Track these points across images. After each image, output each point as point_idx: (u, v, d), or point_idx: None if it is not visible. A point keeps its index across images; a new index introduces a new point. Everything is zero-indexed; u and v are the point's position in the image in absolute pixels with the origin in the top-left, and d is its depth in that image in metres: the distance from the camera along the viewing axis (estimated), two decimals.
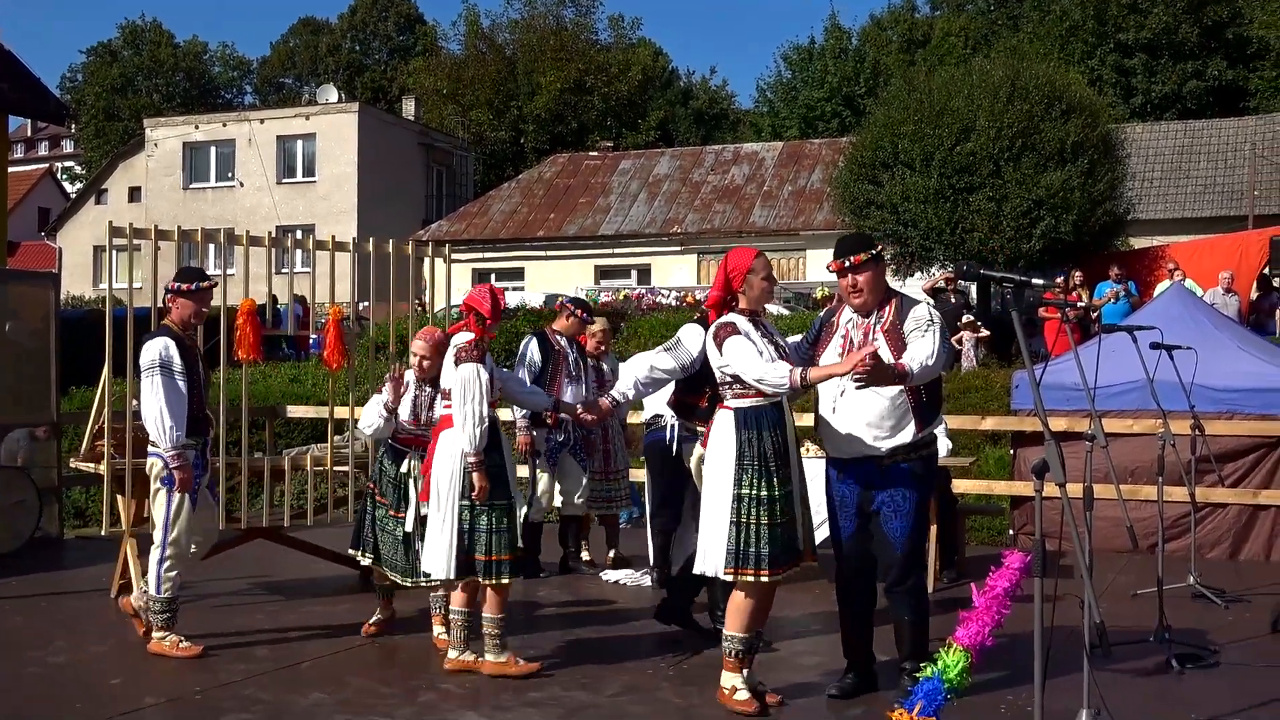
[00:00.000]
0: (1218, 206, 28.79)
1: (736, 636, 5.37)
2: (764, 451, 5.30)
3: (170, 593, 6.43)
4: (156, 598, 6.41)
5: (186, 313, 6.53)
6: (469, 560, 5.97)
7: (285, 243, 8.89)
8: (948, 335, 5.32)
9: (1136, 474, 9.47)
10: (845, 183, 22.19)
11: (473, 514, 5.96)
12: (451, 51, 53.81)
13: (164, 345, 6.34)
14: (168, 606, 6.44)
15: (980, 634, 4.29)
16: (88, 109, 57.98)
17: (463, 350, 6.03)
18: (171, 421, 6.25)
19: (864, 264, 5.40)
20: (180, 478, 6.30)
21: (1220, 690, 5.89)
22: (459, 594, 6.10)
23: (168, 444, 6.26)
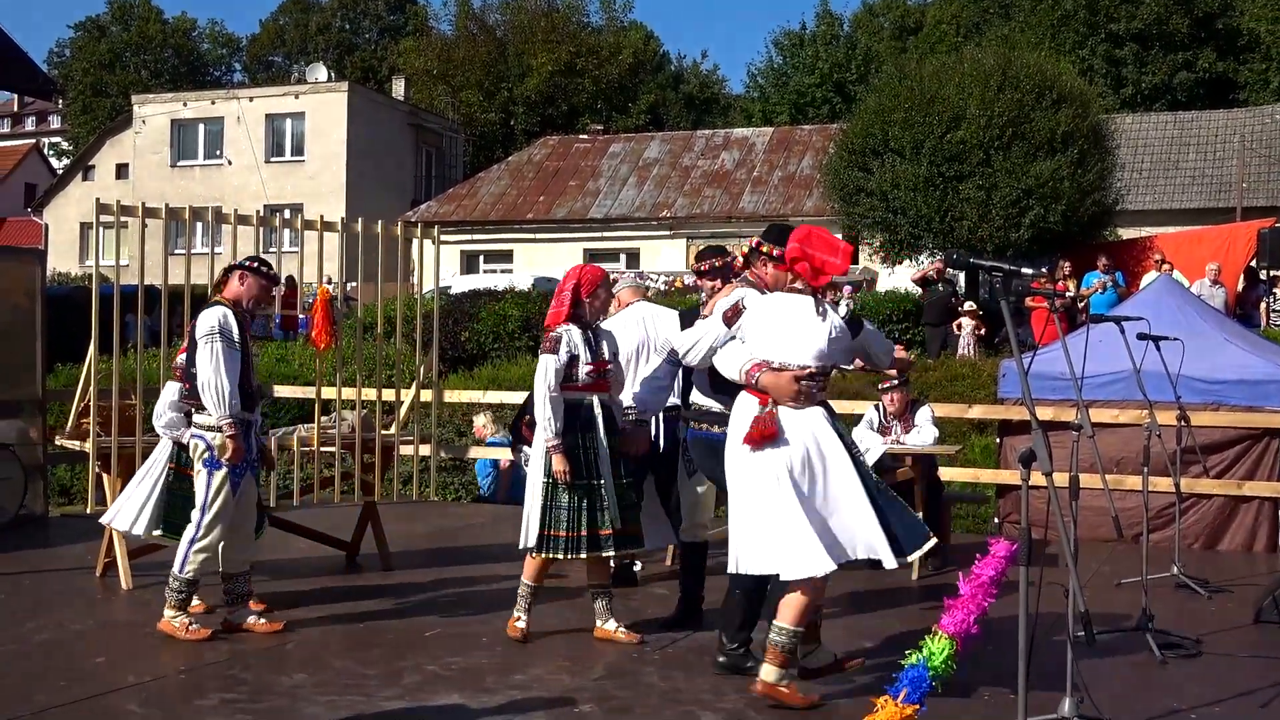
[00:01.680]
0: (1206, 198, 28.87)
1: (789, 630, 5.23)
2: None
3: (193, 574, 6.37)
4: (178, 575, 6.35)
5: (252, 293, 6.51)
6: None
7: (274, 222, 8.85)
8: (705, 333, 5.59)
9: (1122, 464, 9.50)
10: (835, 169, 22.22)
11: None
12: (442, 32, 53.69)
13: (223, 314, 6.30)
14: (187, 587, 6.39)
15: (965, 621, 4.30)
16: (75, 85, 57.66)
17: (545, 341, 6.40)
18: (231, 388, 6.20)
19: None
20: (234, 447, 6.24)
21: (1203, 679, 5.92)
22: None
23: (225, 412, 6.20)
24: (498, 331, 19.54)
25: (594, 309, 6.32)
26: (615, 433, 6.34)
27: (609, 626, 6.41)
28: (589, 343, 6.25)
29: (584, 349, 6.22)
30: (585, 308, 6.29)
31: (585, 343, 6.24)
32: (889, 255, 22.06)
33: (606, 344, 6.36)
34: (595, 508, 6.20)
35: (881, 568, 5.15)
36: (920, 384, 12.95)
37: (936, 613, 4.99)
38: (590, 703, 5.38)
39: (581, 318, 6.28)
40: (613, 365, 6.35)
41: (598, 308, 6.35)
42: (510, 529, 10.38)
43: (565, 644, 6.49)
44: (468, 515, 11.37)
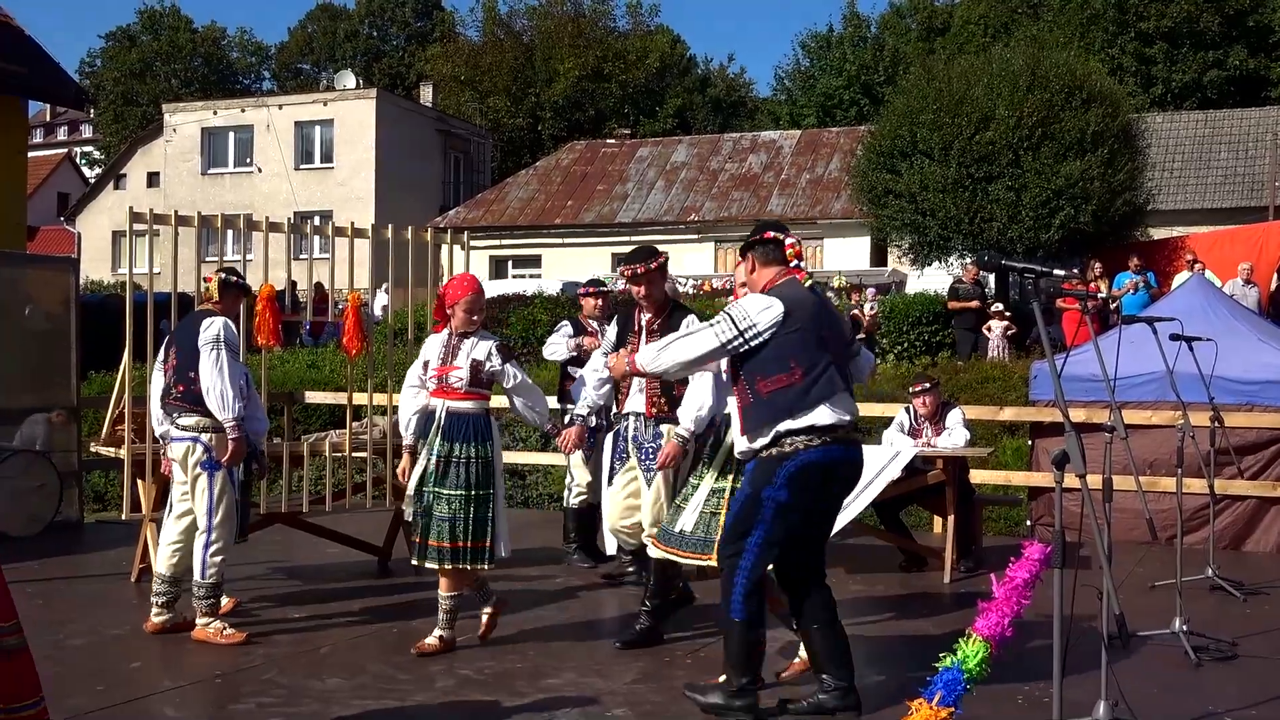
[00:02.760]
0: (1238, 197, 28.65)
1: None
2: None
3: (215, 578, 6.48)
4: (202, 583, 6.45)
5: (239, 305, 6.96)
6: None
7: (304, 229, 8.90)
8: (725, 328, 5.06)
9: (1155, 466, 9.44)
10: (863, 171, 22.17)
11: None
12: (469, 38, 53.87)
13: (226, 324, 6.54)
14: (212, 592, 6.50)
15: (1000, 624, 4.28)
16: (106, 94, 58.13)
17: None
18: (234, 393, 6.41)
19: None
20: (234, 448, 6.43)
21: (1238, 682, 5.88)
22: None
23: (230, 415, 6.38)
24: (527, 336, 19.62)
25: (460, 319, 6.27)
26: (464, 441, 6.17)
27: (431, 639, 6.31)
28: (445, 350, 6.27)
29: (435, 355, 6.29)
30: (451, 317, 6.32)
31: (441, 348, 6.28)
32: (918, 257, 21.99)
33: (469, 352, 6.23)
34: (430, 516, 6.17)
35: None
36: (951, 386, 12.91)
37: (970, 615, 4.97)
38: (622, 706, 5.39)
39: (449, 324, 6.34)
40: (461, 371, 6.20)
41: (464, 319, 6.27)
42: (540, 532, 10.44)
43: (597, 648, 6.50)
44: None
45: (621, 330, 6.85)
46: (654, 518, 6.48)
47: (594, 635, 6.77)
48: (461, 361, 6.22)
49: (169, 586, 6.66)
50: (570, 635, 6.72)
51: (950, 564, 8.41)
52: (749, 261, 5.38)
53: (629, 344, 6.62)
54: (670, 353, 5.20)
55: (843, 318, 6.04)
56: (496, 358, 6.30)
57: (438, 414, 6.22)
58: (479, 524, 6.16)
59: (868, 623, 7.05)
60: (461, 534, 6.13)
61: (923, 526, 10.31)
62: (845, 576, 8.33)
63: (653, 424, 6.65)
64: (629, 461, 6.71)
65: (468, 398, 6.23)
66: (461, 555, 6.14)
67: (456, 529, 6.11)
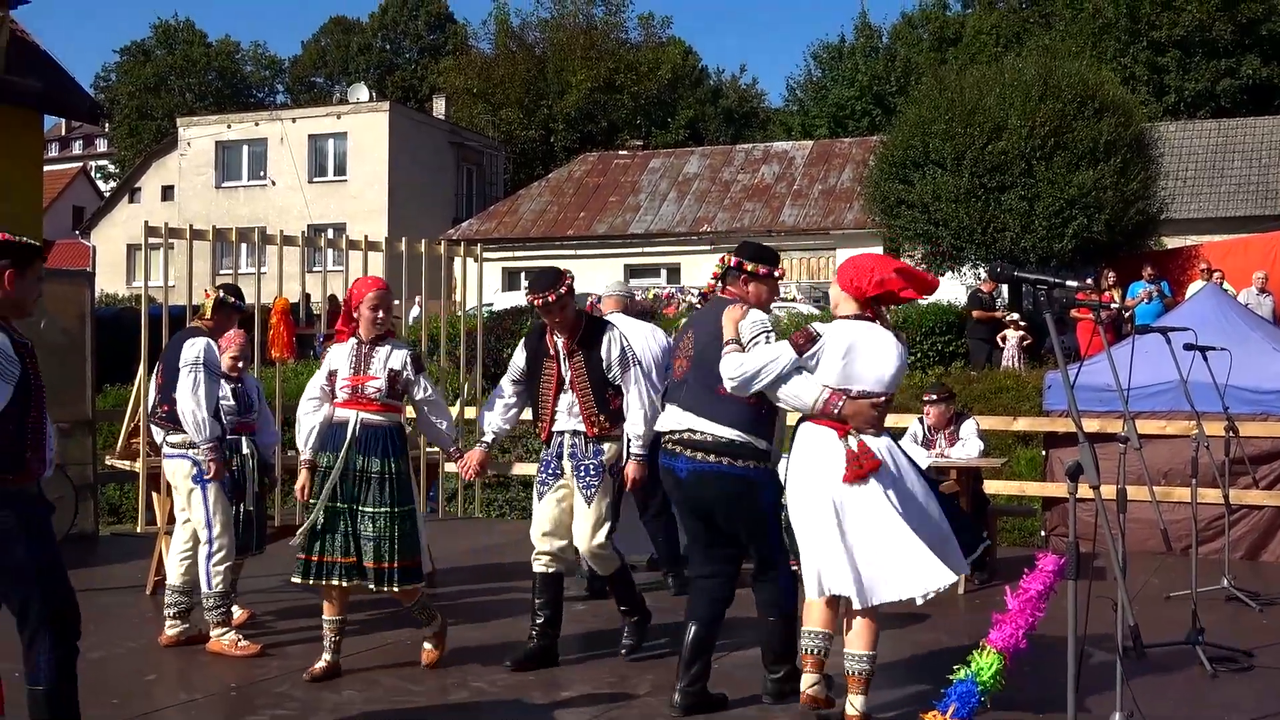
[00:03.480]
0: (1252, 206, 28.55)
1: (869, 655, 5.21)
2: None
3: (222, 586, 6.53)
4: (210, 594, 6.50)
5: (231, 325, 6.96)
6: None
7: (318, 242, 8.93)
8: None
9: (1170, 476, 9.40)
10: (876, 182, 22.15)
11: None
12: (482, 50, 53.97)
13: (208, 345, 6.54)
14: (222, 601, 6.54)
15: (1014, 636, 4.28)
16: (121, 108, 58.39)
17: None
18: (206, 415, 6.40)
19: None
20: (215, 466, 6.45)
21: (1255, 693, 5.85)
22: None
23: (206, 436, 6.39)
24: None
25: (368, 323, 6.04)
26: (380, 455, 5.93)
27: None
28: (356, 358, 6.01)
29: (345, 364, 6.02)
30: (358, 321, 6.08)
31: (351, 357, 6.02)
32: (931, 267, 21.95)
33: (385, 362, 6.01)
34: (337, 532, 5.90)
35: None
36: (965, 396, 12.89)
37: (984, 627, 4.96)
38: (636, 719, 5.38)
39: (357, 331, 6.08)
40: (379, 381, 5.98)
41: (370, 319, 6.04)
42: None
43: (612, 662, 6.50)
44: (512, 532, 11.39)
45: (534, 355, 6.36)
46: (592, 541, 6.22)
47: (608, 646, 6.76)
48: (378, 371, 5.97)
49: (180, 596, 6.69)
50: (584, 647, 6.72)
51: (964, 576, 8.37)
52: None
53: (545, 369, 6.25)
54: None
55: None
56: (411, 368, 6.08)
57: (350, 427, 5.92)
58: (406, 541, 5.91)
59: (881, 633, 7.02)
60: (388, 554, 5.87)
61: None
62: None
63: (594, 441, 6.24)
64: (561, 479, 6.30)
65: (384, 409, 6.00)
66: (389, 576, 5.88)
67: (383, 549, 5.86)
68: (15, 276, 4.29)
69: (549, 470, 6.34)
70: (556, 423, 6.29)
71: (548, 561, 6.35)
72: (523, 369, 6.39)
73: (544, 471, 6.36)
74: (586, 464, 6.23)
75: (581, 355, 6.21)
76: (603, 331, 6.29)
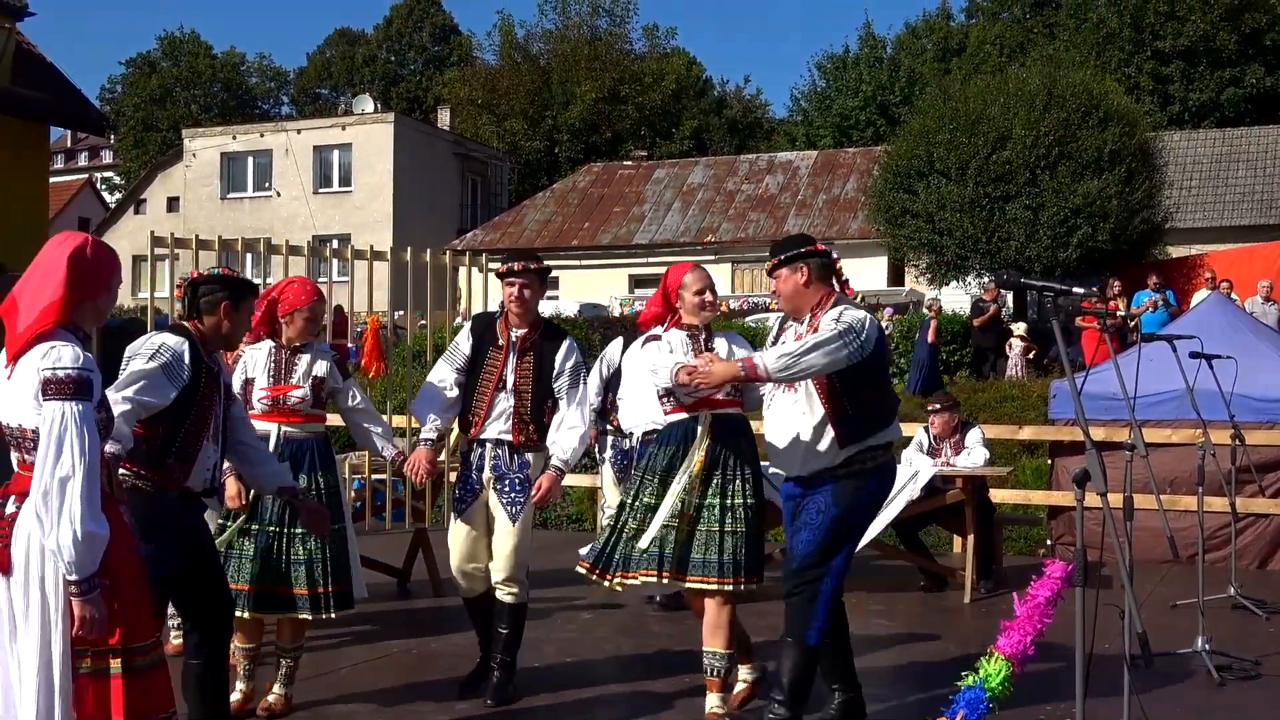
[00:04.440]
0: (1256, 215, 28.57)
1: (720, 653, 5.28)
2: (656, 465, 5.34)
3: None
4: None
5: None
6: None
7: (323, 252, 8.95)
8: (851, 339, 4.84)
9: (1175, 484, 9.39)
10: (880, 191, 22.19)
11: None
12: (486, 62, 54.09)
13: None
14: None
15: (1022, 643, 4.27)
16: (126, 120, 58.58)
17: None
18: None
19: (778, 266, 5.21)
20: None
21: (1262, 701, 5.84)
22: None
23: None
24: None
25: (300, 329, 5.58)
26: (308, 471, 5.50)
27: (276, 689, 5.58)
28: (276, 365, 5.54)
29: (264, 372, 5.53)
30: (281, 326, 5.59)
31: (269, 365, 5.54)
32: (935, 277, 21.97)
33: (304, 368, 5.56)
34: (255, 558, 5.37)
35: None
36: (970, 405, 12.88)
37: (991, 635, 4.95)
38: None
39: (279, 336, 5.59)
40: (303, 390, 5.54)
41: (304, 329, 5.58)
42: (560, 555, 10.44)
43: (619, 665, 6.49)
44: None
45: (481, 343, 5.73)
46: (513, 564, 5.63)
47: (619, 656, 6.76)
48: (300, 379, 5.51)
49: None
50: (594, 657, 6.71)
51: (970, 584, 8.38)
52: (803, 272, 5.12)
53: (489, 361, 5.65)
54: (810, 360, 4.80)
55: None
56: (338, 375, 5.67)
57: (272, 440, 5.43)
58: (338, 564, 5.44)
59: (888, 642, 7.03)
60: (322, 578, 5.38)
61: (942, 546, 10.29)
62: (865, 596, 8.30)
63: (519, 453, 5.66)
64: (482, 495, 5.69)
65: (308, 420, 5.57)
66: (324, 603, 5.40)
67: (315, 572, 5.36)
68: (230, 309, 4.52)
69: (468, 486, 5.71)
70: (486, 428, 5.64)
71: (472, 586, 5.81)
72: (468, 356, 5.74)
73: (461, 487, 5.74)
74: (512, 478, 5.64)
75: (533, 355, 5.67)
76: (562, 337, 5.81)
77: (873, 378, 5.05)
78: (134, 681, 3.57)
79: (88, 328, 3.63)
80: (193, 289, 4.58)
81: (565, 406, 5.66)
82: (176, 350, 4.35)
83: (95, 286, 3.57)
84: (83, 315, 3.57)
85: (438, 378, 5.76)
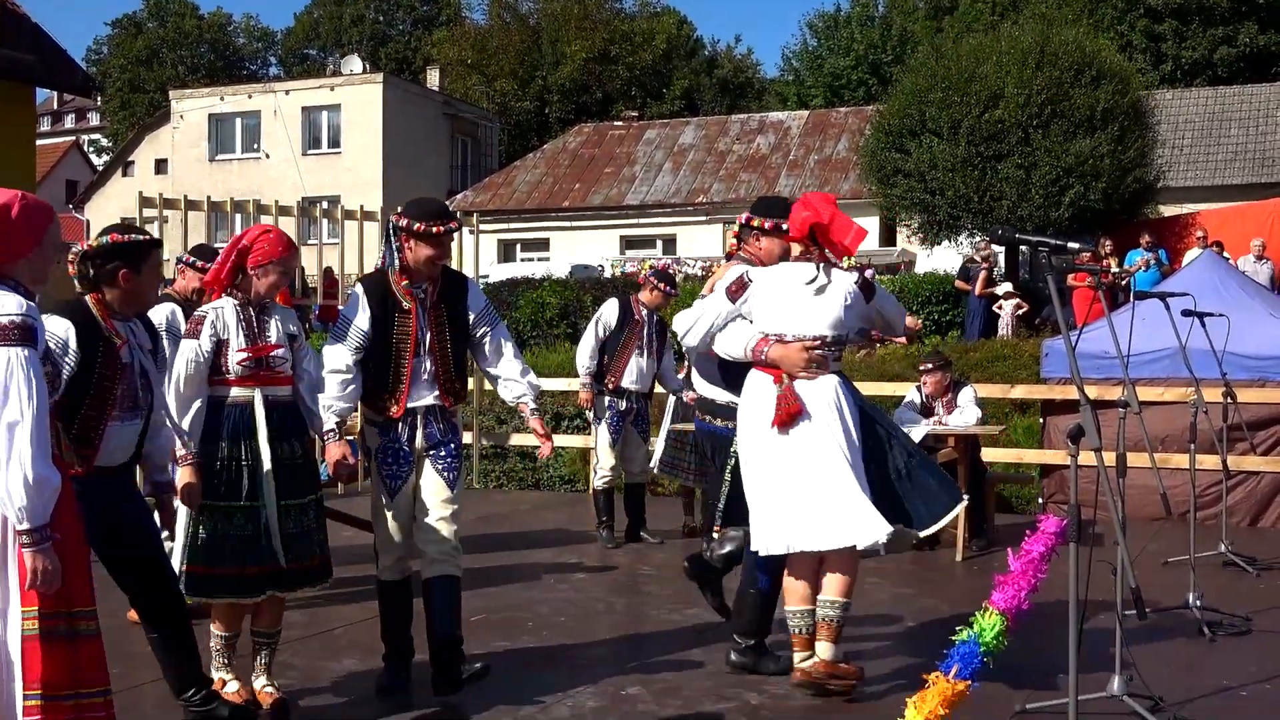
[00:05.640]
0: (1249, 174, 28.52)
1: (841, 602, 5.18)
2: None
3: None
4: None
5: (194, 285, 6.47)
6: None
7: (313, 213, 8.91)
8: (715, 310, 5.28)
9: (1167, 442, 9.43)
10: (872, 151, 22.10)
11: None
12: (475, 21, 53.80)
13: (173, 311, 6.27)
14: None
15: (1016, 597, 4.29)
16: (113, 81, 58.18)
17: None
18: None
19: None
20: None
21: (1252, 657, 5.88)
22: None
23: None
24: (536, 319, 19.63)
25: (272, 282, 4.99)
26: (294, 438, 4.98)
27: (257, 684, 5.12)
28: (247, 323, 4.93)
29: (238, 332, 4.91)
30: (250, 281, 4.97)
31: (241, 323, 4.92)
32: (927, 236, 21.93)
33: (277, 325, 5.00)
34: (253, 538, 4.86)
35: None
36: (962, 365, 12.89)
37: (982, 593, 4.97)
38: (638, 685, 5.40)
39: (246, 291, 4.97)
40: (284, 350, 4.98)
41: (277, 283, 5.02)
42: (553, 514, 10.47)
43: (612, 624, 6.51)
44: (510, 502, 11.42)
45: (382, 311, 5.09)
46: (451, 531, 5.15)
47: (613, 615, 6.78)
48: (278, 337, 4.97)
49: None
50: (588, 615, 6.73)
51: (962, 542, 8.41)
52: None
53: (398, 328, 5.06)
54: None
55: None
56: (301, 333, 5.16)
57: (256, 406, 4.88)
58: (324, 534, 5.12)
59: (881, 602, 7.05)
60: (319, 547, 5.06)
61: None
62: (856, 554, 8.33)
63: (449, 416, 5.23)
64: (410, 469, 5.16)
65: (287, 382, 5.00)
66: (317, 575, 5.09)
67: (304, 545, 4.97)
68: (130, 276, 4.39)
69: (400, 461, 5.14)
70: (412, 397, 5.12)
71: (406, 563, 5.33)
72: (366, 332, 5.06)
73: (391, 461, 5.14)
74: (447, 443, 5.19)
75: (444, 309, 5.17)
76: (461, 279, 5.36)
77: None
78: (71, 646, 3.50)
79: (29, 284, 3.56)
80: (86, 263, 4.40)
81: (503, 350, 5.28)
82: (61, 339, 4.19)
83: (23, 244, 3.53)
84: (19, 271, 3.53)
85: (338, 363, 5.03)
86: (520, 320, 19.22)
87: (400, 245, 5.12)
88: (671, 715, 5.01)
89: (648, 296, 8.94)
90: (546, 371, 13.49)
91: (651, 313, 8.93)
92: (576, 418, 12.46)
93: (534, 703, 5.15)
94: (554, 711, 5.07)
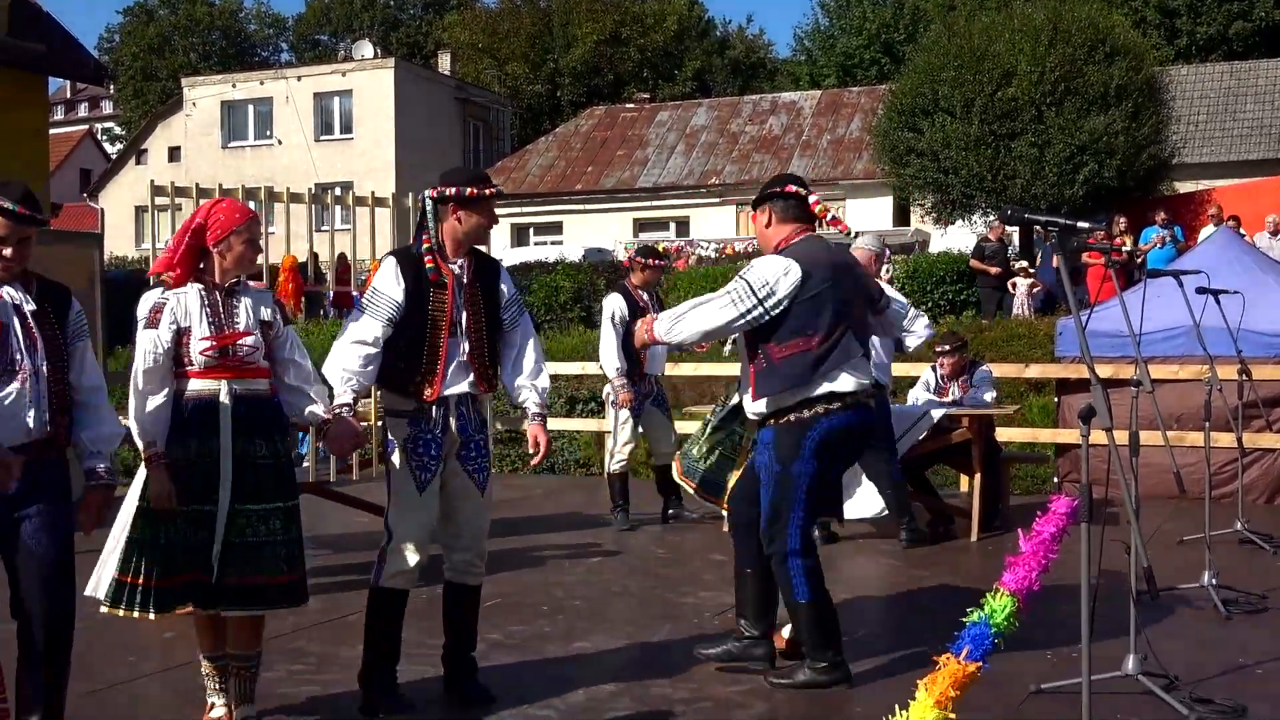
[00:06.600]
0: (1265, 149, 28.34)
1: None
2: None
3: None
4: None
5: None
6: None
7: (325, 199, 8.90)
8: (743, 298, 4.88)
9: (1182, 420, 9.38)
10: (885, 130, 22.04)
11: None
12: (486, 5, 53.70)
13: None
14: None
15: (1028, 578, 4.27)
16: (125, 70, 58.19)
17: None
18: None
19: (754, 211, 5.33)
20: None
21: (1268, 635, 5.86)
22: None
23: None
24: (549, 303, 19.64)
25: (228, 264, 4.43)
26: (263, 436, 4.42)
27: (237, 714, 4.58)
28: (212, 308, 4.40)
29: (201, 319, 4.37)
30: (214, 261, 4.44)
31: (205, 310, 4.39)
32: (941, 216, 21.87)
33: (248, 310, 4.45)
34: (205, 545, 4.36)
35: None
36: (977, 344, 12.85)
37: (997, 573, 4.96)
38: (653, 668, 5.41)
39: (212, 275, 4.45)
40: (254, 339, 4.43)
41: (235, 262, 4.44)
42: (569, 497, 10.49)
43: (627, 609, 6.52)
44: (525, 486, 11.44)
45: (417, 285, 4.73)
46: (484, 537, 4.98)
47: (628, 598, 6.79)
48: (247, 324, 4.43)
49: None
50: (604, 598, 6.74)
51: (977, 522, 8.40)
52: (765, 213, 5.17)
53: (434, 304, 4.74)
54: (687, 323, 5.02)
55: (871, 277, 5.89)
56: (280, 318, 4.61)
57: (222, 400, 4.36)
58: (299, 547, 4.52)
59: (895, 582, 7.05)
60: (286, 564, 4.43)
61: (949, 485, 10.30)
62: (872, 536, 8.33)
63: (480, 408, 4.88)
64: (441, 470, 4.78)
65: (261, 374, 4.46)
66: (293, 592, 4.49)
67: (279, 557, 4.41)
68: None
69: (430, 452, 4.72)
70: (448, 382, 4.73)
71: (422, 572, 4.95)
72: (400, 304, 4.69)
73: (423, 453, 4.71)
74: (477, 440, 4.83)
75: (480, 287, 4.81)
76: (497, 263, 5.02)
77: (793, 330, 4.90)
78: None
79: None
80: None
81: (525, 342, 4.94)
82: None
83: None
84: None
85: (365, 335, 4.70)
86: (534, 304, 19.23)
87: (443, 217, 4.79)
88: (685, 698, 5.01)
89: (641, 277, 8.91)
90: (560, 355, 13.50)
91: (650, 292, 8.93)
92: (591, 401, 12.48)
93: (549, 685, 5.16)
94: (570, 697, 5.07)
